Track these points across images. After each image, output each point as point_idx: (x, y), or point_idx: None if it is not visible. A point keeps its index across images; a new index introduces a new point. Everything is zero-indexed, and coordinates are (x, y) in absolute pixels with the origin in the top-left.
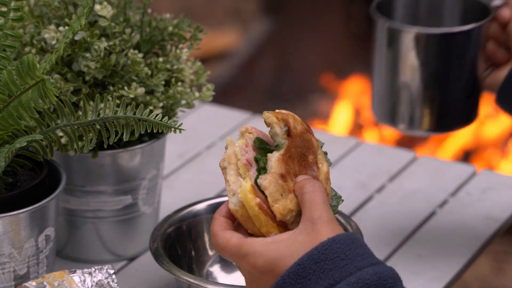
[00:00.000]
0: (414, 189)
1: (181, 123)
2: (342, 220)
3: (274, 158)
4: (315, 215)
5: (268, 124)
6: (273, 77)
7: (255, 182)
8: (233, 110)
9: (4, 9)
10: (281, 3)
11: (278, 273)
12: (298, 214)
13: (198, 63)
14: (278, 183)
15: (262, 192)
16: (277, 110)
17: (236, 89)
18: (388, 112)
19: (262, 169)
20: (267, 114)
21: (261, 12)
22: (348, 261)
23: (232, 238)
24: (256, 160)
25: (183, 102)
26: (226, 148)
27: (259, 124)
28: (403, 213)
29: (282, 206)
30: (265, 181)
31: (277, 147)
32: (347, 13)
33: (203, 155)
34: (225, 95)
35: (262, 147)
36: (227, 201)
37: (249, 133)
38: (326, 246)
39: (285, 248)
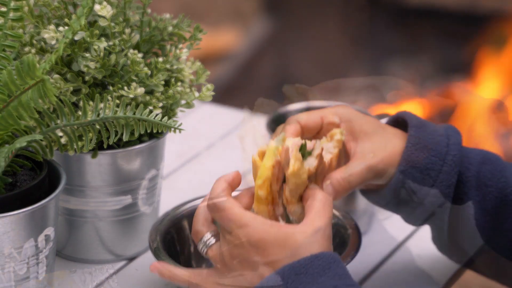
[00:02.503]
0: None
1: (181, 123)
2: (340, 217)
3: (316, 152)
4: (316, 223)
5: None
6: (273, 77)
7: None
8: (233, 110)
9: (4, 9)
10: (281, 3)
11: (265, 256)
12: (297, 210)
13: (198, 63)
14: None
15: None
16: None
17: (236, 89)
18: None
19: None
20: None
21: (261, 12)
22: (326, 278)
23: (237, 206)
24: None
25: (183, 102)
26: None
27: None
28: None
29: (298, 167)
30: (312, 157)
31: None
32: (347, 13)
33: (203, 155)
34: (225, 95)
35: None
36: (234, 172)
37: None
38: (307, 261)
39: (281, 239)
